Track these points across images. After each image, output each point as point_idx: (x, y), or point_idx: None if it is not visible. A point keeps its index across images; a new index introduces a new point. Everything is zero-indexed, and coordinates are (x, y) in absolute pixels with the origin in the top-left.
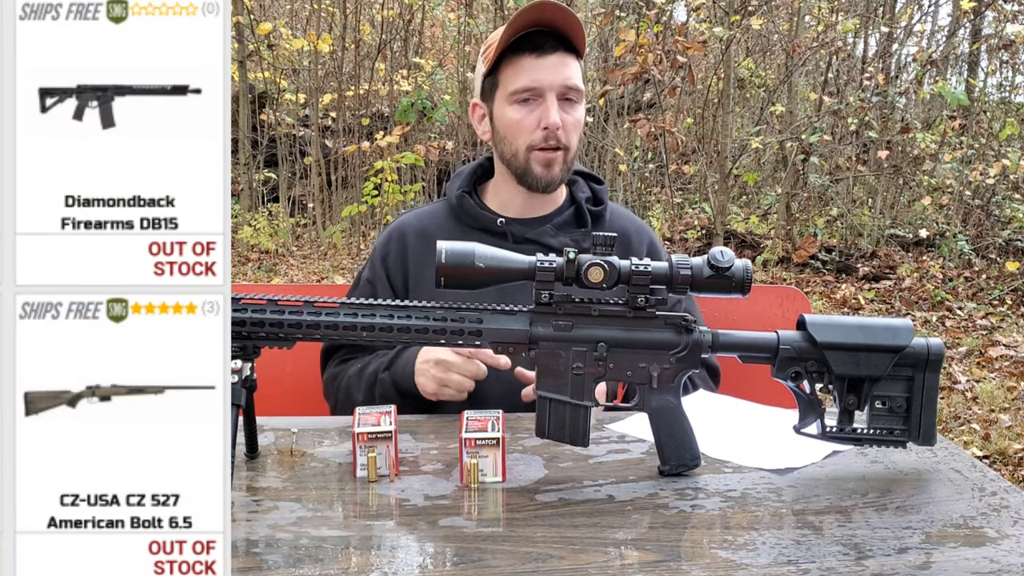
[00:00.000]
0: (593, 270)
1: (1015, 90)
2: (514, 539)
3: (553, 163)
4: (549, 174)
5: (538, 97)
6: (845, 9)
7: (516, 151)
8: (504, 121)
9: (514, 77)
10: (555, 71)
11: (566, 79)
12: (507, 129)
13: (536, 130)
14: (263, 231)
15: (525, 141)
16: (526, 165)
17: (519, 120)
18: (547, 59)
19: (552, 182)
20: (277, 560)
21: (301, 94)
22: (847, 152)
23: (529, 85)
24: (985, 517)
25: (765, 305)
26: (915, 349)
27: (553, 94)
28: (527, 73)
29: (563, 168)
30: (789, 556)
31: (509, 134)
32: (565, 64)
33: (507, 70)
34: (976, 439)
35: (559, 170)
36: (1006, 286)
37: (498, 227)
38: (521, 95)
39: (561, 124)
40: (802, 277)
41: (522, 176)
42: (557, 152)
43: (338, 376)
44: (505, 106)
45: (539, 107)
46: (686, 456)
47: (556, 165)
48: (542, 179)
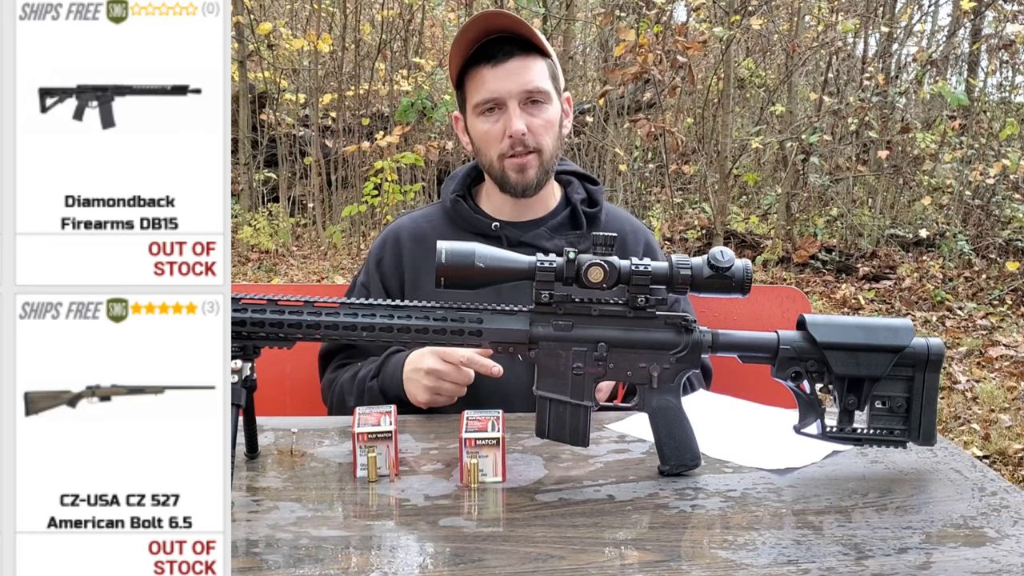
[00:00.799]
0: (593, 270)
1: (1015, 90)
2: (514, 539)
3: (526, 167)
4: (524, 179)
5: (500, 106)
6: (845, 9)
7: (490, 161)
8: (475, 133)
9: (475, 90)
10: (513, 78)
11: (525, 84)
12: (478, 141)
13: (503, 139)
14: (263, 231)
15: (496, 151)
16: (502, 173)
17: (486, 131)
18: (503, 67)
19: (529, 186)
20: (277, 560)
21: (301, 94)
22: (847, 152)
23: (488, 97)
24: (985, 517)
25: (765, 305)
26: (915, 349)
27: (515, 101)
28: (485, 85)
29: (539, 170)
30: (789, 556)
31: (481, 145)
32: (525, 68)
33: (469, 84)
34: (976, 439)
35: (534, 173)
36: (1006, 286)
37: (492, 231)
38: (484, 107)
39: (527, 128)
40: (802, 277)
41: (501, 184)
42: (529, 155)
43: (333, 382)
44: (474, 118)
45: (503, 115)
46: (686, 456)
47: (530, 169)
48: (518, 184)
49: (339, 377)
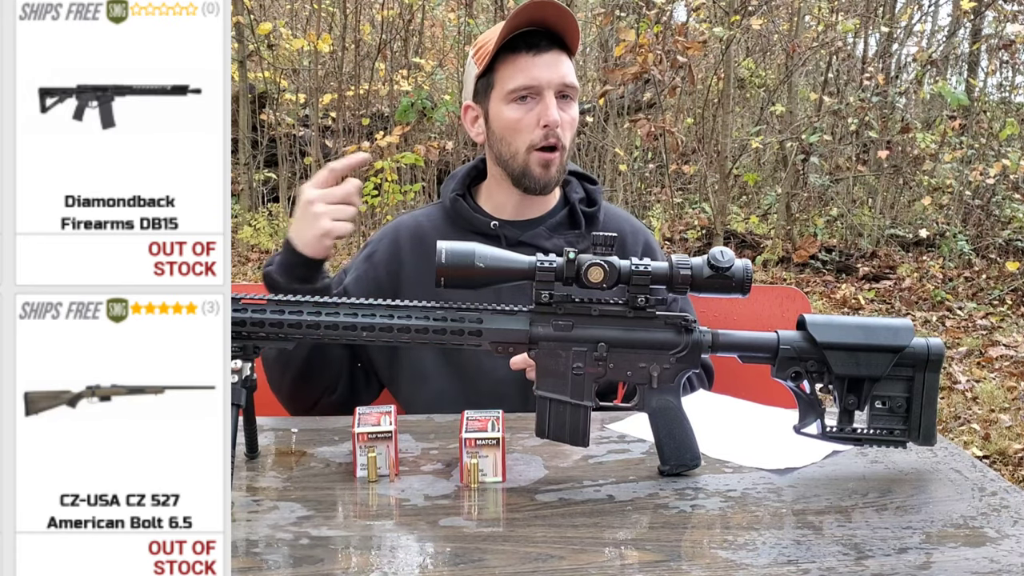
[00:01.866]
0: (593, 270)
1: (1015, 90)
2: (514, 539)
3: (551, 164)
4: (547, 175)
5: (536, 95)
6: (845, 9)
7: (516, 151)
8: (502, 121)
9: (511, 76)
10: (552, 69)
11: (563, 76)
12: (505, 129)
13: (536, 128)
14: (263, 231)
15: (525, 140)
16: (525, 166)
17: (518, 119)
18: (543, 57)
19: (548, 184)
20: (277, 560)
21: (301, 94)
22: (847, 152)
23: (528, 83)
24: (985, 517)
25: (765, 305)
26: (915, 349)
27: (551, 92)
28: (525, 71)
29: (559, 169)
30: (789, 556)
31: (508, 134)
32: (560, 62)
33: (503, 69)
34: (976, 439)
35: (556, 171)
36: (1006, 286)
37: (491, 230)
38: (519, 93)
39: (560, 122)
40: (802, 277)
41: (519, 178)
42: (555, 153)
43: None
44: (502, 106)
45: (538, 105)
46: (686, 456)
47: (553, 166)
48: (540, 180)
49: None
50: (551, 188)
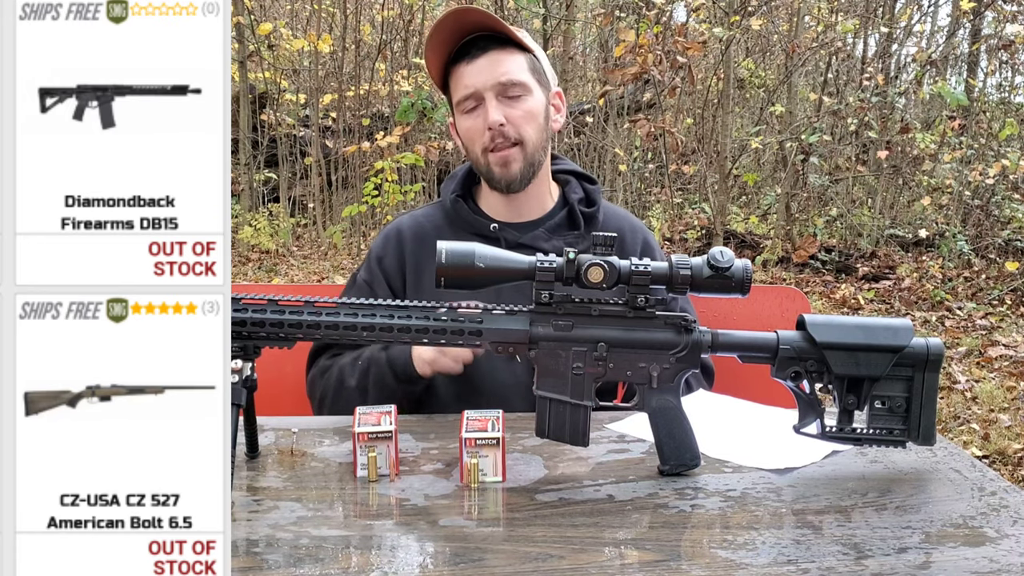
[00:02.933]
0: (593, 270)
1: (1015, 90)
2: (514, 539)
3: (509, 160)
4: (508, 172)
5: (479, 101)
6: (845, 9)
7: (476, 157)
8: (461, 131)
9: (455, 88)
10: (486, 72)
11: (499, 76)
12: (464, 138)
13: (484, 132)
14: (263, 231)
15: (479, 145)
16: (487, 168)
17: (469, 128)
18: (476, 63)
19: (512, 180)
20: (277, 560)
21: (301, 94)
22: (847, 152)
23: (466, 93)
24: (985, 517)
25: (765, 305)
26: (915, 349)
27: (491, 94)
28: (462, 81)
29: (523, 164)
30: (789, 556)
31: (467, 143)
32: (499, 61)
33: (452, 83)
34: (976, 439)
35: (518, 167)
36: (1006, 286)
37: (491, 232)
38: (465, 104)
39: (506, 120)
40: (802, 277)
41: (488, 180)
42: (511, 148)
43: (329, 369)
44: (459, 117)
45: (483, 110)
46: (686, 456)
47: (514, 162)
48: (502, 179)
49: (336, 362)
50: (519, 184)
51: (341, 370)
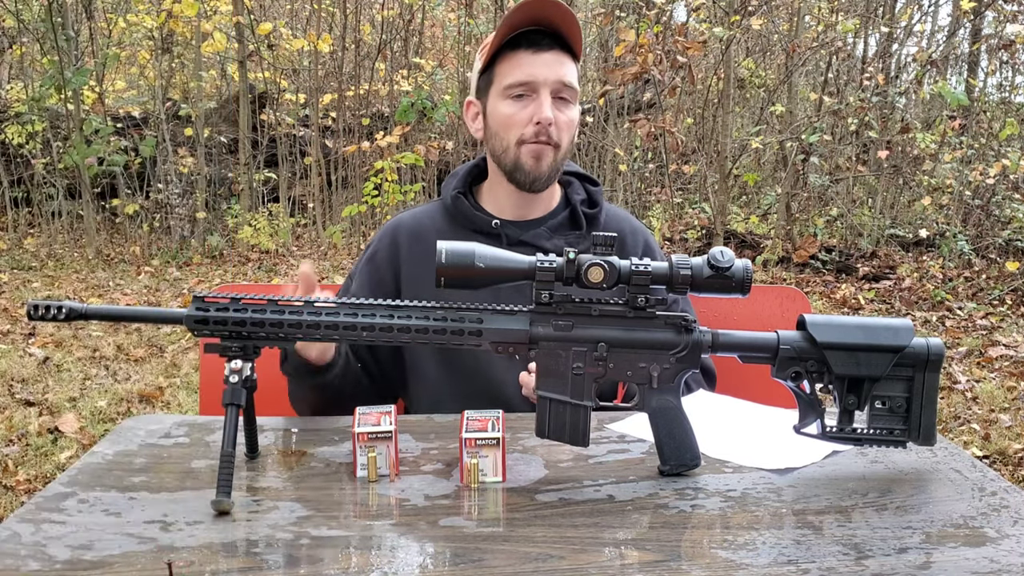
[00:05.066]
0: (593, 270)
1: (1015, 90)
2: (514, 539)
3: (542, 156)
4: (538, 168)
5: (532, 92)
6: (845, 9)
7: (507, 145)
8: (496, 116)
9: (509, 72)
10: (550, 68)
11: (561, 76)
12: (499, 124)
13: (528, 124)
14: (263, 231)
15: (516, 134)
16: (516, 159)
17: (511, 115)
18: (543, 56)
19: (540, 177)
20: (277, 560)
21: (301, 94)
22: (847, 152)
23: (523, 79)
24: (985, 517)
25: (765, 305)
26: (915, 349)
27: (547, 90)
28: (522, 68)
29: (552, 165)
30: (789, 556)
31: (501, 128)
32: (561, 63)
33: (502, 65)
34: (976, 439)
35: (548, 166)
36: (1006, 286)
37: (492, 229)
38: (515, 90)
39: (554, 120)
40: (802, 277)
41: (512, 172)
42: (548, 146)
43: None
44: (499, 101)
45: (532, 103)
46: (686, 456)
47: (545, 160)
48: (531, 172)
49: None
50: (542, 183)
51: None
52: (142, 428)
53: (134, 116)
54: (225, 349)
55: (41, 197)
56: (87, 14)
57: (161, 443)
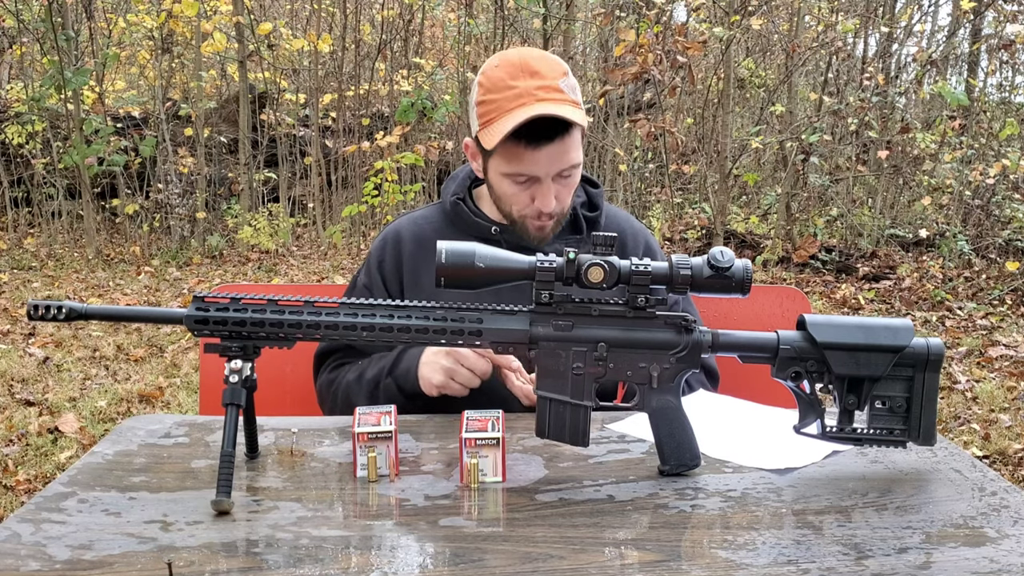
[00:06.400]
0: (593, 270)
1: (1015, 90)
2: (514, 539)
3: (545, 228)
4: (541, 234)
5: (534, 179)
6: (845, 9)
7: (509, 213)
8: (497, 187)
9: (509, 162)
10: (551, 162)
11: (563, 164)
12: (500, 195)
13: (530, 205)
14: (263, 231)
15: (519, 211)
16: (521, 224)
17: (514, 194)
18: (543, 151)
19: (544, 239)
20: (277, 560)
21: (301, 94)
22: (847, 152)
23: (525, 174)
24: (985, 517)
25: (765, 305)
26: (915, 349)
27: (549, 178)
28: (523, 163)
29: (555, 227)
30: (789, 556)
31: (502, 199)
32: (562, 150)
33: (502, 150)
34: (976, 439)
35: (551, 230)
36: (1006, 286)
37: (492, 234)
38: (517, 178)
39: (556, 201)
40: (802, 277)
41: (515, 227)
42: (550, 220)
43: (334, 382)
44: (499, 177)
45: (533, 186)
46: (686, 456)
47: (547, 228)
48: (535, 240)
49: (340, 377)
50: (545, 243)
51: (347, 389)
52: (142, 428)
53: (134, 116)
54: (225, 349)
55: (41, 197)
56: (87, 14)
57: (161, 443)
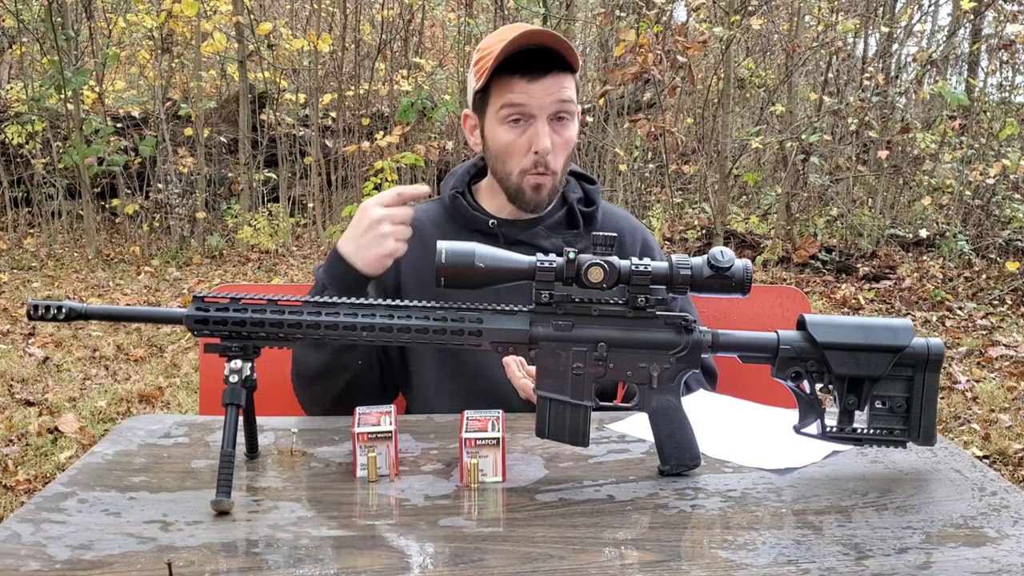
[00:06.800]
0: (593, 270)
1: (1015, 90)
2: (514, 539)
3: (542, 187)
4: (538, 196)
5: (529, 118)
6: (845, 9)
7: (509, 172)
8: (495, 141)
9: (501, 95)
10: (547, 93)
11: (558, 98)
12: (498, 149)
13: (528, 153)
14: (263, 231)
15: (517, 165)
16: (518, 187)
17: (511, 142)
18: (538, 83)
19: (540, 203)
20: (277, 560)
21: (301, 94)
22: (847, 152)
23: (518, 108)
24: (985, 517)
25: (765, 305)
26: (915, 349)
27: (544, 116)
28: (517, 95)
29: (552, 190)
30: (789, 556)
31: (500, 155)
32: (558, 84)
33: (498, 88)
34: (976, 439)
35: (547, 193)
36: (1006, 286)
37: (490, 228)
38: (512, 116)
39: (552, 146)
40: (802, 277)
41: (513, 196)
42: (546, 175)
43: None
44: (496, 124)
45: (529, 128)
46: (686, 456)
47: (545, 188)
48: (531, 202)
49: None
50: (543, 208)
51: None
52: (142, 428)
53: (134, 116)
54: (225, 349)
55: (41, 197)
56: (87, 14)
57: (161, 443)
